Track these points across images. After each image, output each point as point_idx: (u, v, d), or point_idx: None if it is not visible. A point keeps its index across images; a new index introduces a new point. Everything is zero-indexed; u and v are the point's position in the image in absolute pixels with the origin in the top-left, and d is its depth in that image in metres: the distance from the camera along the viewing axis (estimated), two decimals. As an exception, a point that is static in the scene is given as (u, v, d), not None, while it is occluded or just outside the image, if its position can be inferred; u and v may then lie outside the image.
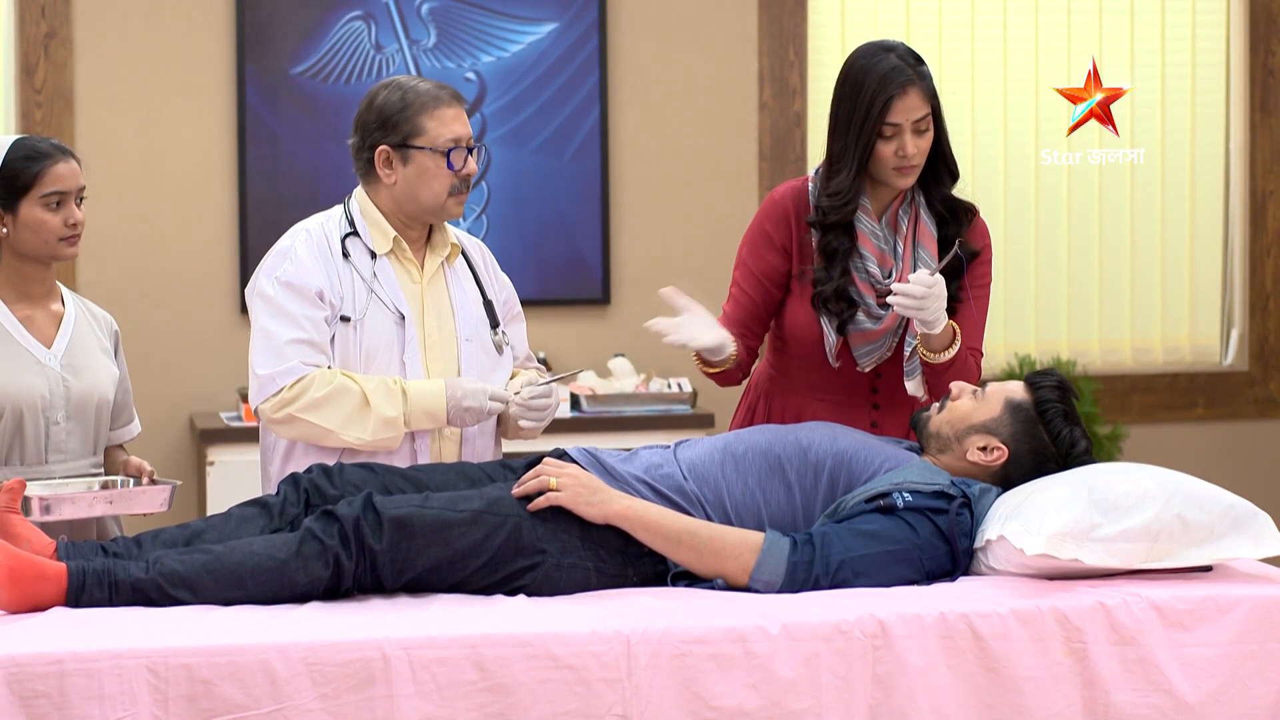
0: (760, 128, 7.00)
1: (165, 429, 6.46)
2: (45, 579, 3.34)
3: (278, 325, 4.07)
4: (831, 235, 4.20)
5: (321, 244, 4.14)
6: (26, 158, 4.04)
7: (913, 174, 4.16)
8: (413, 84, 4.16)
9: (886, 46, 4.15)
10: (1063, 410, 3.82)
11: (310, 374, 4.03)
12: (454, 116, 4.14)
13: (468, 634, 3.22)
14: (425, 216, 4.19)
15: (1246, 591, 3.49)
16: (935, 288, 4.02)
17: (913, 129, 4.11)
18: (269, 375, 4.05)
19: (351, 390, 4.02)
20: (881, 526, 3.58)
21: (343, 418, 4.02)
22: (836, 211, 4.18)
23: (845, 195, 4.17)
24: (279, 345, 4.05)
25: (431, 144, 4.12)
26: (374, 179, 4.18)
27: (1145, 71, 7.28)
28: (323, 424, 4.03)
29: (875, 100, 4.08)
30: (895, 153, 4.11)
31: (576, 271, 6.90)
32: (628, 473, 3.73)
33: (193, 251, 6.63)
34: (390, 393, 4.04)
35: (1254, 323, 7.45)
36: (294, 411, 4.03)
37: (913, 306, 4.02)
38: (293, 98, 6.64)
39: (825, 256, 4.21)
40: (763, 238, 4.28)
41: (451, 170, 4.12)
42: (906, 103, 4.09)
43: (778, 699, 3.27)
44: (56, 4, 6.47)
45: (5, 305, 4.10)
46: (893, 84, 4.08)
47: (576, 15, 6.83)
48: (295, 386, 4.03)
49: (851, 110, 4.12)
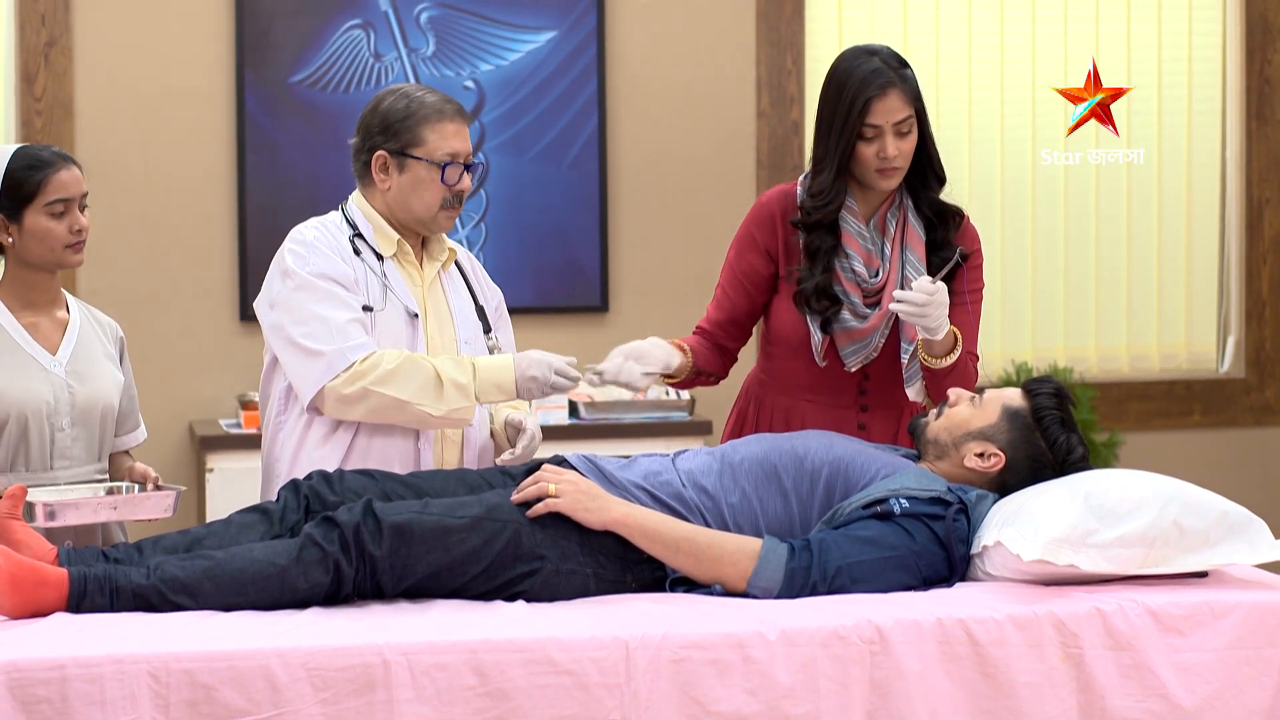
0: (758, 136, 7.02)
1: (165, 436, 6.47)
2: (46, 585, 3.35)
3: (330, 309, 4.07)
4: (815, 235, 4.24)
5: (333, 242, 4.16)
6: (29, 166, 4.05)
7: (895, 176, 4.18)
8: (420, 94, 4.18)
9: (870, 50, 4.19)
10: (1059, 417, 3.84)
11: (380, 350, 4.05)
12: (455, 132, 4.16)
13: (467, 639, 3.23)
14: (415, 226, 4.20)
15: (1242, 597, 3.50)
16: (937, 295, 4.04)
17: (894, 131, 4.13)
18: (337, 351, 4.04)
19: (423, 365, 4.04)
20: (878, 533, 3.60)
21: (417, 387, 4.02)
22: (818, 211, 4.21)
23: (827, 195, 4.20)
24: (339, 325, 4.05)
25: (429, 155, 4.13)
26: (369, 182, 4.20)
27: (1142, 80, 7.29)
28: (398, 395, 4.02)
29: (855, 101, 4.12)
30: (876, 154, 4.14)
31: (575, 279, 6.90)
32: (627, 479, 3.75)
33: (192, 259, 6.64)
34: (460, 365, 4.06)
35: (1250, 330, 7.46)
36: (368, 385, 4.02)
37: (915, 314, 4.05)
38: (292, 106, 6.65)
39: (808, 255, 4.24)
40: (748, 241, 4.32)
41: (445, 184, 4.14)
42: (886, 104, 4.12)
43: (776, 704, 3.28)
44: (56, 12, 6.48)
45: (11, 313, 4.11)
46: (872, 86, 4.11)
47: (575, 24, 6.84)
48: (367, 360, 4.03)
49: (833, 112, 4.16)
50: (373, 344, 4.06)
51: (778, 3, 6.98)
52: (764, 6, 6.98)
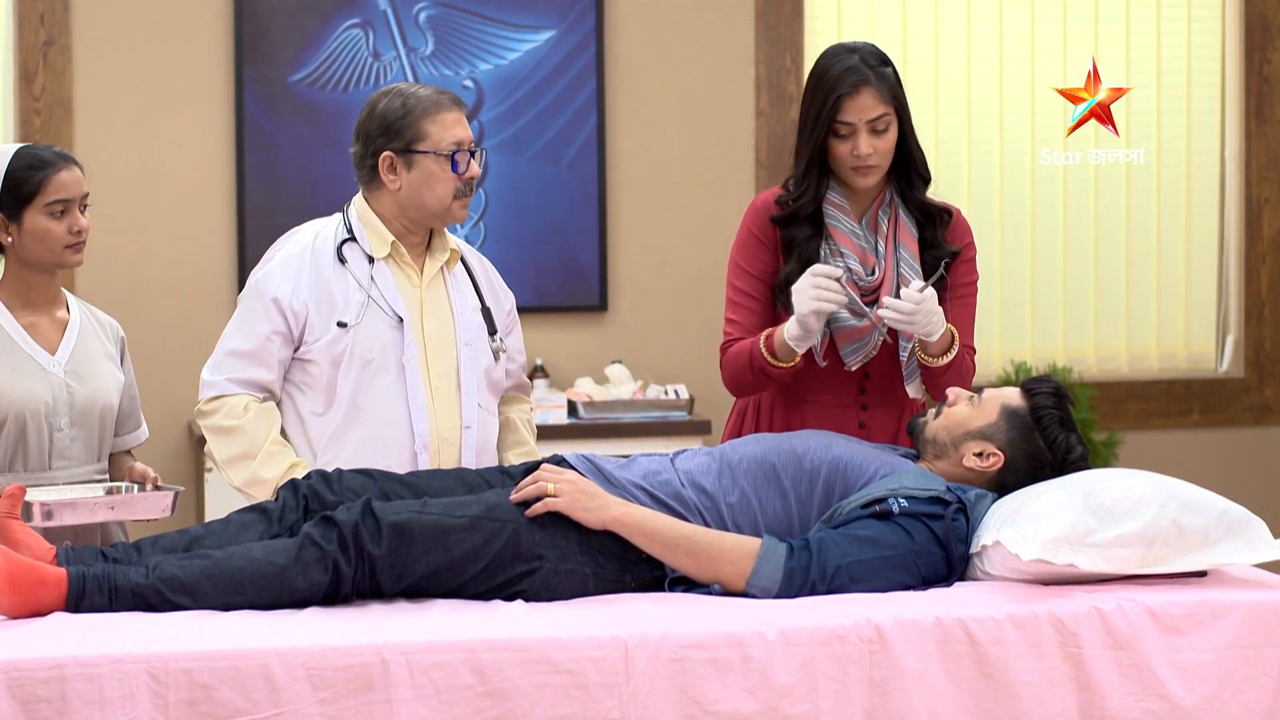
0: (757, 135, 7.02)
1: (164, 436, 6.47)
2: (45, 584, 3.35)
3: (231, 330, 4.22)
4: (793, 227, 4.23)
5: (305, 253, 4.18)
6: (29, 166, 4.05)
7: (871, 174, 4.18)
8: (413, 90, 4.19)
9: (851, 48, 4.19)
10: (1059, 416, 3.84)
11: (229, 398, 4.16)
12: (455, 120, 4.17)
13: (466, 639, 3.23)
14: (430, 221, 4.21)
15: (1241, 597, 3.50)
16: (925, 303, 4.04)
17: (868, 129, 4.13)
18: (203, 381, 4.20)
19: (251, 435, 4.13)
20: (877, 532, 3.59)
21: (228, 456, 4.15)
22: (794, 204, 4.22)
23: (800, 187, 4.21)
24: (221, 354, 4.20)
25: (435, 148, 4.14)
26: (378, 185, 4.20)
27: (1141, 79, 7.29)
28: (215, 451, 4.18)
29: (829, 98, 4.12)
30: (851, 152, 4.14)
31: (574, 278, 6.91)
32: (626, 479, 3.74)
33: (191, 258, 6.65)
34: (277, 458, 4.13)
35: (1249, 329, 7.47)
36: (204, 425, 4.19)
37: (903, 321, 4.05)
38: (291, 105, 6.65)
39: (786, 248, 4.24)
40: (752, 241, 4.30)
41: (456, 173, 4.15)
42: (859, 102, 4.12)
43: (775, 704, 3.28)
44: (55, 11, 6.48)
45: (10, 312, 4.11)
46: (845, 83, 4.11)
47: (574, 23, 6.84)
48: (211, 403, 4.18)
49: (809, 107, 4.18)
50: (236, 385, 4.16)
51: (776, 2, 6.99)
52: (763, 6, 6.98)
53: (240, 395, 4.15)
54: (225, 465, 4.15)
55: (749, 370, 4.19)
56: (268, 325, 4.15)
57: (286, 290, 4.14)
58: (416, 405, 4.16)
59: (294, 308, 4.14)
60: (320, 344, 4.14)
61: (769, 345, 4.15)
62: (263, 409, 4.15)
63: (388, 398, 4.15)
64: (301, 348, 4.16)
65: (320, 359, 4.14)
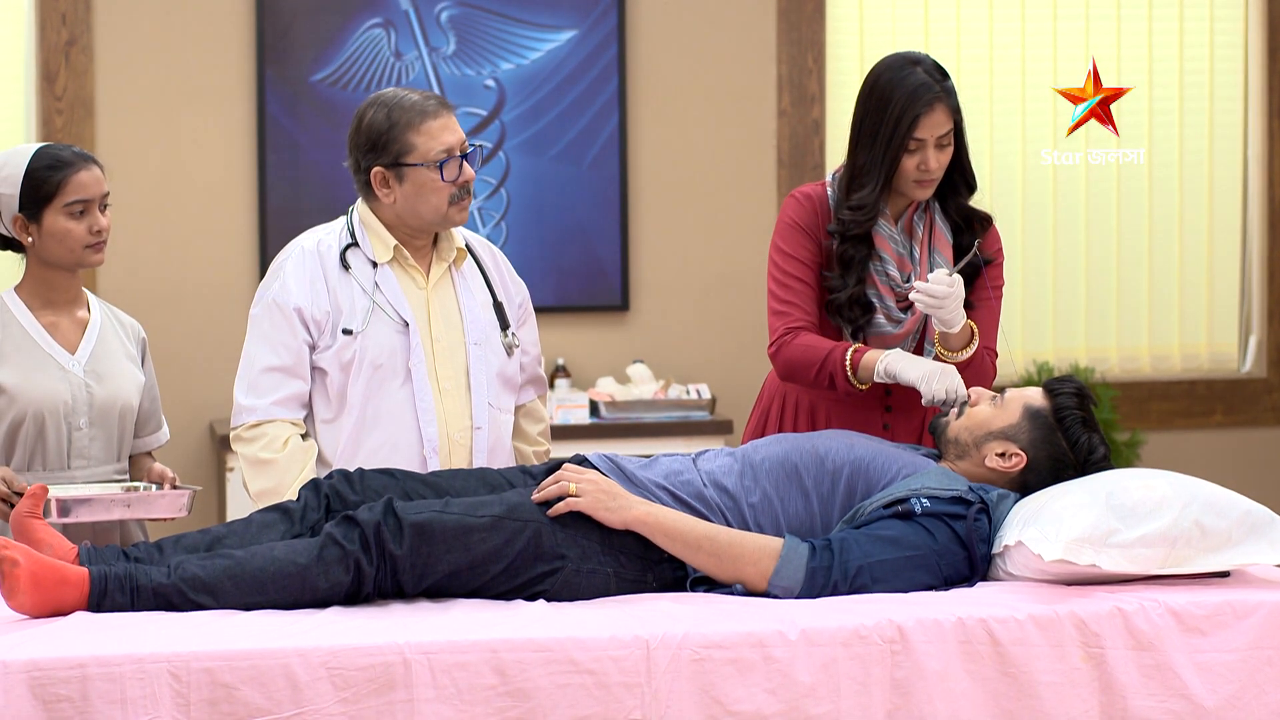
0: (779, 135, 7.01)
1: (185, 436, 6.48)
2: (67, 584, 3.35)
3: (257, 349, 4.16)
4: (850, 244, 4.22)
5: (313, 261, 4.16)
6: (49, 166, 4.05)
7: (931, 186, 4.19)
8: (397, 99, 4.13)
9: (913, 59, 4.17)
10: (1081, 417, 3.83)
11: (270, 426, 4.13)
12: (442, 126, 4.11)
13: (488, 639, 3.23)
14: (429, 229, 4.19)
15: (1264, 597, 3.49)
16: (955, 287, 4.05)
17: (936, 144, 4.13)
18: (241, 406, 4.15)
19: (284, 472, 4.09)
20: (899, 532, 3.59)
21: (259, 489, 4.11)
22: (858, 225, 4.20)
23: (869, 210, 4.19)
24: (255, 374, 4.15)
25: (423, 159, 4.09)
26: (374, 197, 4.18)
27: (1164, 79, 7.28)
28: (249, 482, 4.14)
29: (904, 116, 4.10)
30: (917, 166, 4.14)
31: (595, 278, 6.91)
32: (648, 479, 3.74)
33: (212, 258, 6.65)
34: None
35: (1272, 329, 7.45)
36: (241, 452, 4.14)
37: (934, 305, 4.05)
38: (312, 105, 6.66)
39: (842, 265, 4.23)
40: (797, 229, 4.28)
41: (447, 182, 4.12)
42: (933, 119, 4.11)
43: (796, 704, 3.27)
44: (77, 11, 6.49)
45: (31, 312, 4.11)
46: (920, 100, 4.10)
47: (596, 22, 6.84)
48: (253, 429, 4.14)
49: (878, 124, 4.14)
50: (278, 408, 4.13)
51: (799, 1, 6.98)
52: (785, 5, 6.98)
53: (282, 424, 4.12)
54: (256, 497, 4.10)
55: (819, 368, 4.16)
56: (296, 338, 4.12)
57: (307, 300, 4.13)
58: (424, 409, 4.14)
59: (315, 317, 4.12)
60: (330, 351, 4.13)
61: (855, 361, 4.13)
62: (301, 446, 4.12)
63: (396, 403, 4.14)
64: (314, 355, 4.15)
65: (330, 366, 4.13)
